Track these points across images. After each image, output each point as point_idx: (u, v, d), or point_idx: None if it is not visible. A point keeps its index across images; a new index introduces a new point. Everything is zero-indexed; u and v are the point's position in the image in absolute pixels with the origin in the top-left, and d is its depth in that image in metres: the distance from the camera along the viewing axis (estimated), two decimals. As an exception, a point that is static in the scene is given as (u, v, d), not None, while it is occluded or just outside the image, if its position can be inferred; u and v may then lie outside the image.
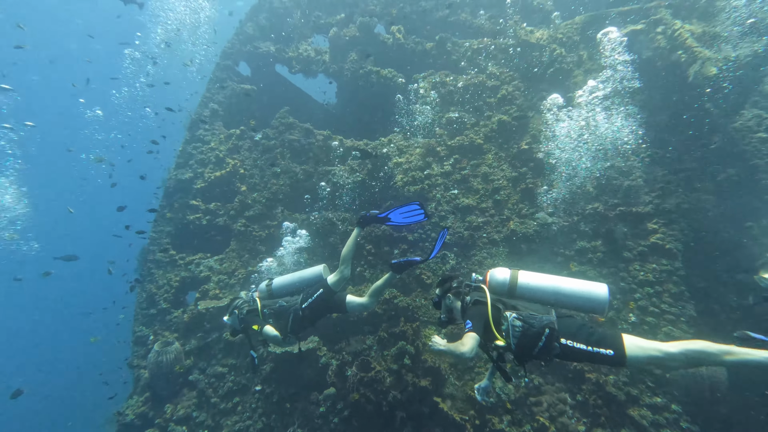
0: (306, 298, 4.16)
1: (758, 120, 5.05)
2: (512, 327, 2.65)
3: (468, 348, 2.55)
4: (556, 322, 2.62)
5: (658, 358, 2.43)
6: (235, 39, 9.33)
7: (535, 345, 2.59)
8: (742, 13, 5.36)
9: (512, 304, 2.84)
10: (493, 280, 2.98)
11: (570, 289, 2.76)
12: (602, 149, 5.41)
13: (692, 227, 5.05)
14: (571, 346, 2.55)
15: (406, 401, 4.76)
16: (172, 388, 5.61)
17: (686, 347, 2.39)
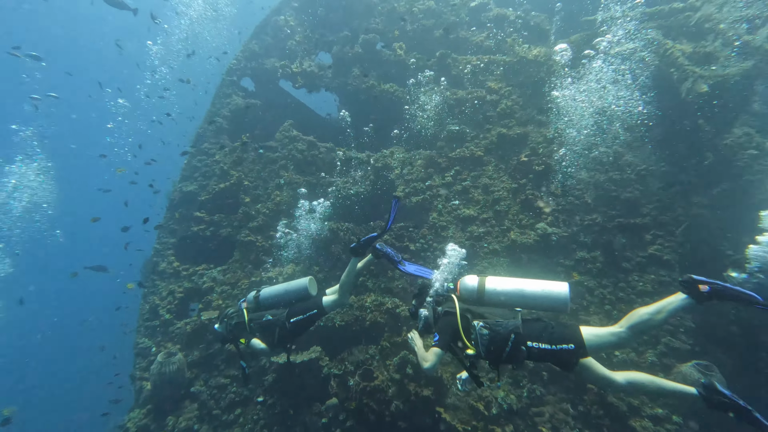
0: (296, 313, 4.22)
1: (748, 137, 5.19)
2: (480, 335, 2.75)
3: (429, 364, 2.77)
4: (521, 326, 2.73)
5: (614, 342, 2.67)
6: (240, 55, 9.60)
7: (503, 350, 2.70)
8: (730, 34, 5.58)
9: (480, 313, 2.94)
10: (463, 288, 3.11)
11: (533, 290, 2.88)
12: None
13: (689, 239, 5.14)
14: (537, 347, 2.67)
15: (409, 411, 4.77)
16: (175, 400, 5.61)
17: (629, 323, 2.63)
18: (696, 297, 2.42)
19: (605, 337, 2.64)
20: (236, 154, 8.18)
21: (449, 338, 2.86)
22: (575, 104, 6.08)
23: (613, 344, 2.68)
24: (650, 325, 2.63)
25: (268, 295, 4.41)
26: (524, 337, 2.70)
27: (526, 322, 2.81)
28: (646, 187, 5.65)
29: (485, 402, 4.71)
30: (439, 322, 3.00)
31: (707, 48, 5.68)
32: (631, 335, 2.64)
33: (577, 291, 5.35)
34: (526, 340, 2.69)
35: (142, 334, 6.65)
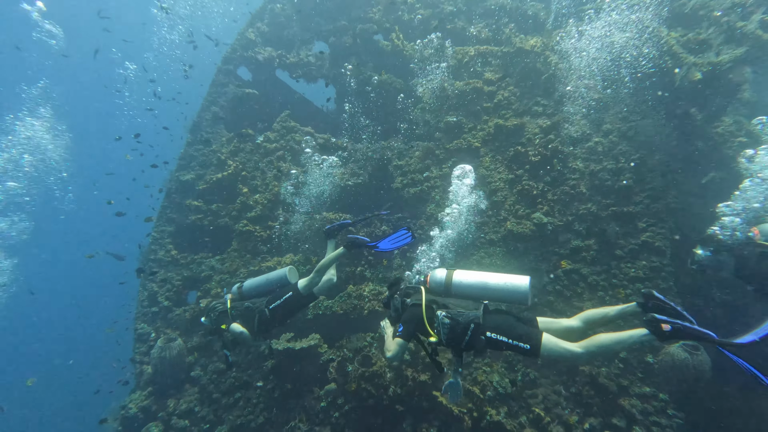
0: (273, 299, 4.39)
1: (738, 125, 5.31)
2: (442, 324, 2.94)
3: (391, 354, 3.01)
4: (481, 317, 2.90)
5: (566, 357, 2.77)
6: (236, 44, 9.53)
7: (462, 339, 2.90)
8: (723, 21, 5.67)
9: (444, 303, 3.15)
10: (432, 281, 3.32)
11: (496, 283, 3.06)
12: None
13: (679, 226, 5.28)
14: (495, 338, 2.84)
15: (406, 395, 4.88)
16: (175, 383, 5.69)
17: (588, 345, 2.67)
18: (658, 335, 2.42)
19: (561, 351, 2.73)
20: (234, 144, 8.17)
21: (413, 328, 3.07)
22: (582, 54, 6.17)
23: (566, 358, 2.84)
24: (609, 352, 2.77)
25: (250, 286, 4.59)
26: (484, 327, 2.87)
27: (489, 313, 3.00)
28: (639, 175, 5.77)
29: (481, 386, 4.84)
30: (405, 313, 3.19)
31: (701, 35, 5.77)
32: (587, 357, 2.72)
33: (571, 279, 5.48)
34: (486, 330, 2.86)
35: (141, 320, 6.70)
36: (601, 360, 3.78)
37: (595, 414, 4.39)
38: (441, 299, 3.21)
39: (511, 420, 4.49)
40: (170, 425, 5.38)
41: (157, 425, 5.36)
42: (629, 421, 4.27)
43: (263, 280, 4.61)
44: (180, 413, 5.43)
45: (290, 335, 5.76)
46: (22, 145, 10.37)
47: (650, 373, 4.46)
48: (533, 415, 4.48)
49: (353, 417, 4.86)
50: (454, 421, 4.60)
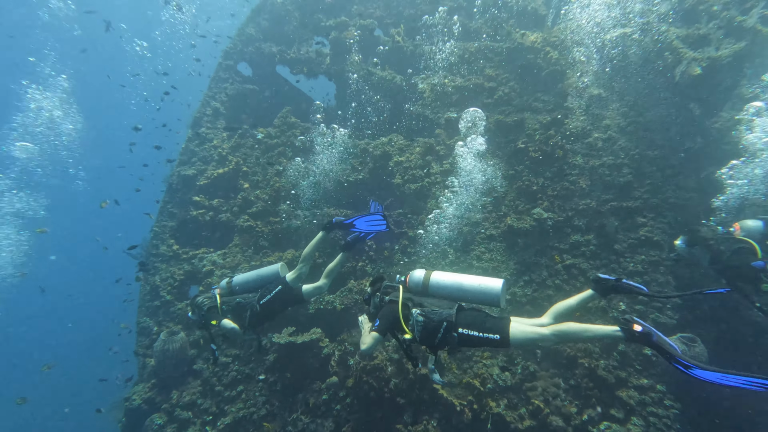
0: (264, 294, 4.43)
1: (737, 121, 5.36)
2: (416, 322, 3.10)
3: (366, 347, 3.14)
4: (454, 315, 3.03)
5: (534, 339, 2.89)
6: (237, 39, 9.52)
7: (435, 336, 3.04)
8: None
9: (419, 302, 3.27)
10: (411, 280, 3.46)
11: (470, 284, 3.20)
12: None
13: (678, 220, 5.32)
14: (467, 334, 2.98)
15: (407, 388, 4.94)
16: (178, 376, 5.75)
17: (556, 328, 2.84)
18: (627, 335, 2.56)
19: (529, 335, 2.90)
20: (234, 140, 8.18)
21: (389, 324, 3.19)
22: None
23: (534, 343, 2.98)
24: (574, 339, 2.96)
25: (240, 281, 4.62)
26: (456, 324, 3.00)
27: (462, 311, 3.12)
28: (638, 171, 5.81)
29: (481, 378, 4.89)
30: (382, 309, 3.32)
31: (701, 30, 5.79)
32: (555, 340, 2.87)
33: (570, 273, 5.53)
34: (458, 327, 3.00)
35: (143, 314, 6.74)
36: (568, 343, 3.90)
37: (594, 405, 4.45)
38: (417, 298, 3.33)
39: (511, 412, 4.54)
40: (174, 416, 5.44)
41: (161, 416, 5.42)
42: (627, 411, 4.34)
43: (254, 276, 4.64)
44: (183, 405, 5.49)
45: (292, 329, 5.81)
46: (35, 114, 10.40)
47: (648, 365, 4.52)
48: (533, 407, 4.54)
49: (355, 409, 4.91)
50: (454, 413, 4.66)
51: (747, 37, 5.49)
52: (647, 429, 4.16)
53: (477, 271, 5.84)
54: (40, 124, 10.56)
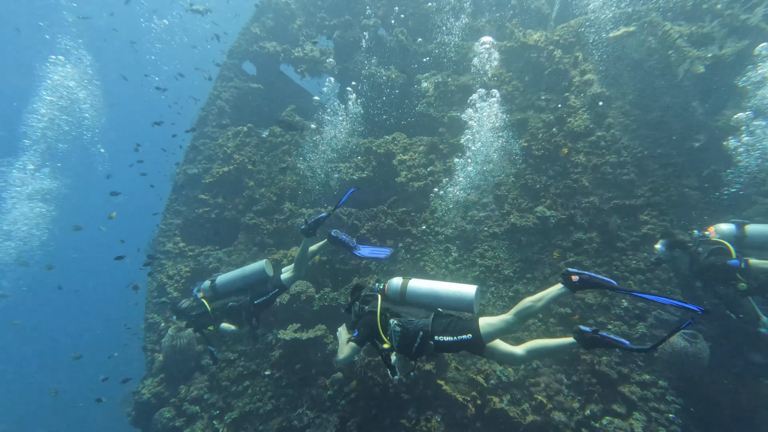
0: (260, 295, 4.60)
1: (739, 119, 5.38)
2: (394, 332, 3.25)
3: (343, 356, 3.33)
4: (430, 325, 3.21)
5: (504, 328, 3.09)
6: (241, 38, 9.58)
7: (412, 345, 3.20)
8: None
9: (397, 312, 3.44)
10: (389, 288, 3.63)
11: (445, 292, 3.37)
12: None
13: (680, 218, 5.35)
14: (443, 340, 3.15)
15: (411, 384, 5.00)
16: (186, 371, 5.84)
17: (516, 310, 3.06)
18: (569, 286, 2.84)
19: (497, 324, 3.09)
20: (239, 138, 8.25)
21: (368, 334, 3.35)
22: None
23: (503, 330, 3.13)
24: (532, 311, 3.09)
25: (225, 281, 4.69)
26: (432, 333, 3.17)
27: (438, 318, 3.29)
28: (641, 169, 5.84)
29: (484, 375, 4.95)
30: (361, 319, 3.47)
31: (705, 29, 5.80)
32: (517, 320, 3.08)
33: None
34: (434, 335, 3.17)
35: (151, 310, 6.84)
36: (530, 318, 4.13)
37: (596, 401, 4.50)
38: (394, 308, 3.49)
39: (514, 407, 4.60)
40: (182, 410, 5.53)
41: (170, 410, 5.51)
42: (629, 407, 4.38)
43: (239, 275, 4.70)
44: (191, 399, 5.58)
45: (297, 326, 5.88)
46: (55, 88, 10.51)
47: (650, 361, 4.57)
48: (535, 402, 4.59)
49: (359, 404, 4.98)
50: (458, 408, 4.72)
51: (751, 36, 5.50)
52: (649, 424, 4.20)
53: (481, 267, 5.89)
54: (64, 97, 10.68)
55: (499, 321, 3.10)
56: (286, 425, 5.10)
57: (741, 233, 4.07)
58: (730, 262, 3.71)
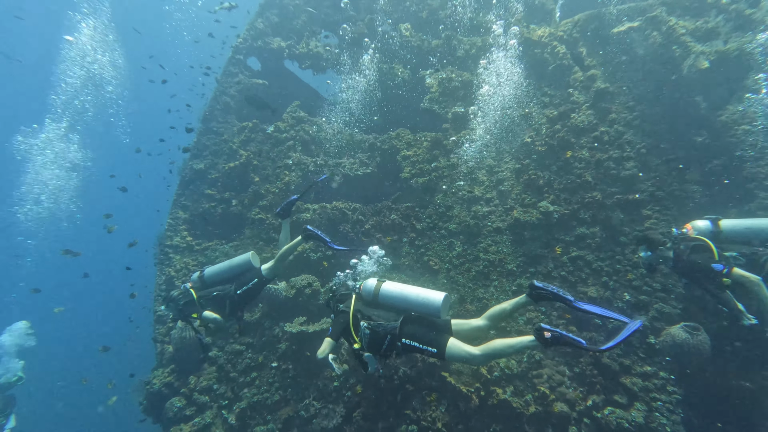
0: (241, 285, 4.86)
1: (742, 113, 5.41)
2: (364, 334, 3.52)
3: (321, 349, 3.53)
4: (398, 329, 3.43)
5: (467, 359, 3.28)
6: (246, 34, 9.62)
7: (380, 346, 3.48)
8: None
9: (368, 315, 3.67)
10: (364, 289, 3.84)
11: (415, 296, 3.56)
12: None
13: (682, 213, 5.39)
14: (410, 344, 3.40)
15: (416, 376, 5.09)
16: (195, 362, 5.96)
17: (485, 349, 3.20)
18: (541, 341, 2.93)
19: (462, 352, 3.27)
20: (245, 134, 8.32)
21: (340, 332, 3.62)
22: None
23: (466, 360, 3.33)
24: (499, 352, 3.24)
25: (213, 273, 4.98)
26: (400, 336, 3.42)
27: (408, 321, 3.51)
28: (644, 164, 5.88)
29: (488, 366, 5.03)
30: (336, 317, 3.73)
31: (709, 24, 5.81)
32: (483, 359, 3.25)
33: (576, 265, 5.63)
34: (402, 337, 3.42)
35: (159, 303, 6.95)
36: (496, 359, 4.37)
37: (598, 392, 4.58)
38: (366, 309, 3.72)
39: (517, 398, 4.68)
40: (192, 400, 5.66)
41: (180, 400, 5.64)
42: (630, 397, 4.46)
43: (226, 267, 5.01)
44: (200, 390, 5.71)
45: (303, 319, 5.98)
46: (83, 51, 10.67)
47: (651, 353, 4.64)
48: (538, 394, 4.67)
49: (365, 396, 5.08)
50: (462, 399, 4.81)
51: (756, 30, 5.51)
52: (650, 414, 4.28)
53: (484, 262, 5.96)
54: (89, 62, 10.82)
55: (466, 352, 3.27)
56: (294, 415, 5.21)
57: (716, 229, 4.19)
58: (714, 266, 3.80)
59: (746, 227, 4.11)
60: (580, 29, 7.31)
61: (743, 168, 5.34)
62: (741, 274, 3.72)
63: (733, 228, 4.16)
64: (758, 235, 4.05)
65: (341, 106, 8.52)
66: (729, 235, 4.16)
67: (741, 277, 3.72)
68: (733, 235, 4.15)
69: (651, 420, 4.26)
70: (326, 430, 4.94)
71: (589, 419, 4.45)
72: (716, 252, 3.93)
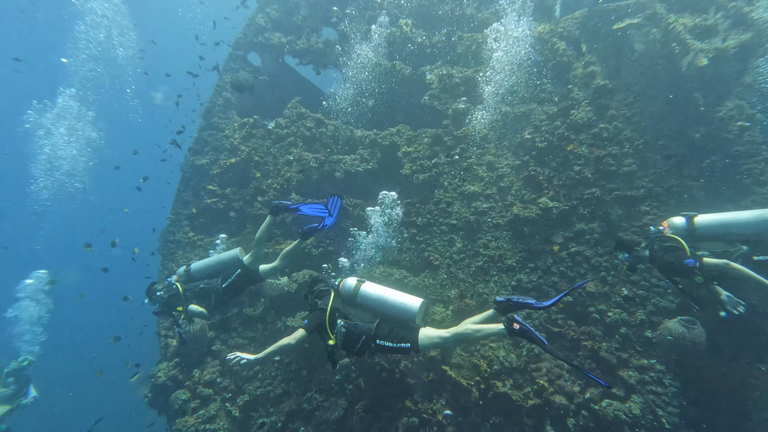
0: (225, 278, 4.92)
1: (740, 109, 5.46)
2: (340, 332, 3.62)
3: (292, 337, 3.62)
4: (374, 329, 3.54)
5: (438, 343, 3.47)
6: (246, 29, 9.60)
7: (354, 346, 3.60)
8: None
9: (345, 313, 3.77)
10: (343, 287, 3.94)
11: (393, 300, 3.69)
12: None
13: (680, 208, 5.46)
14: (384, 344, 3.51)
15: (417, 369, 5.18)
16: (199, 356, 6.04)
17: (454, 331, 3.39)
18: (510, 331, 3.11)
19: (434, 339, 3.46)
20: (246, 130, 8.34)
21: (315, 326, 3.72)
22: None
23: (438, 345, 3.53)
24: (468, 338, 3.43)
25: (199, 267, 5.07)
26: (374, 337, 3.53)
27: (382, 324, 3.61)
28: (643, 160, 5.93)
29: (488, 360, 5.12)
30: (313, 312, 3.83)
31: (708, 21, 5.85)
32: (453, 341, 3.43)
33: (575, 260, 5.70)
34: (376, 339, 3.53)
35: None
36: (465, 344, 4.44)
37: (596, 385, 4.67)
38: (344, 308, 3.83)
39: (517, 391, 4.77)
40: (196, 393, 5.74)
41: (185, 392, 5.72)
42: (627, 390, 4.56)
43: (213, 262, 5.10)
44: (204, 383, 5.79)
45: (305, 314, 6.04)
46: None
47: (648, 347, 4.73)
48: (537, 387, 4.76)
49: (367, 389, 5.16)
50: (462, 392, 4.89)
51: (754, 28, 5.55)
52: (646, 406, 4.37)
53: (484, 257, 6.03)
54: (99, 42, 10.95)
55: (436, 336, 3.45)
56: (297, 408, 5.29)
57: (691, 226, 4.23)
58: (686, 261, 3.86)
59: (720, 223, 4.12)
60: (580, 25, 7.34)
61: (740, 164, 5.40)
62: (711, 262, 3.80)
63: (708, 224, 4.18)
64: (733, 230, 4.07)
65: (342, 97, 8.55)
66: (704, 232, 4.19)
67: (712, 265, 3.79)
68: (707, 231, 4.18)
69: (647, 412, 4.36)
70: (329, 422, 5.02)
71: (587, 411, 4.54)
72: (688, 249, 3.98)
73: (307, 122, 8.33)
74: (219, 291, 4.85)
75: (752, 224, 3.92)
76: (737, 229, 4.03)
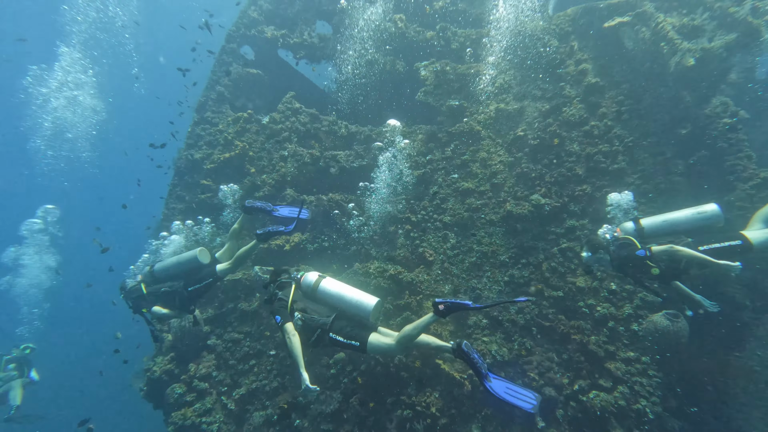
0: (193, 283, 4.95)
1: (724, 107, 5.62)
2: (296, 324, 3.82)
3: (292, 335, 3.72)
4: (329, 324, 3.73)
5: (385, 350, 3.71)
6: (239, 22, 9.48)
7: (309, 338, 3.81)
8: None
9: (304, 307, 3.95)
10: (304, 281, 4.09)
11: (350, 297, 3.87)
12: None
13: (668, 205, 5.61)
14: (336, 338, 3.76)
15: (411, 363, 5.27)
16: (194, 350, 6.07)
17: (398, 337, 3.63)
18: (438, 313, 3.40)
19: (382, 344, 3.69)
20: (239, 125, 8.29)
21: (286, 315, 3.85)
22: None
23: (385, 351, 3.78)
24: (411, 337, 3.61)
25: (161, 268, 5.08)
26: (329, 330, 3.76)
27: (338, 319, 3.82)
28: (632, 158, 6.07)
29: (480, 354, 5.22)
30: (275, 304, 3.96)
31: (696, 21, 5.97)
32: (399, 347, 3.67)
33: (566, 256, 5.83)
34: (330, 332, 3.76)
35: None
36: (412, 346, 4.52)
37: (584, 377, 4.82)
38: (303, 302, 3.99)
39: (508, 383, 4.88)
40: (192, 387, 5.78)
41: (181, 386, 5.76)
42: (614, 381, 4.71)
43: (174, 263, 5.10)
44: (200, 377, 5.83)
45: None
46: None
47: (635, 340, 4.89)
48: (528, 379, 4.90)
49: (362, 383, 5.25)
50: (455, 385, 5.01)
51: (738, 29, 5.67)
52: (632, 396, 4.54)
53: (477, 253, 6.12)
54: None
55: (384, 342, 3.68)
56: (292, 401, 5.37)
57: (638, 227, 4.67)
58: (637, 252, 4.27)
59: (663, 221, 4.60)
60: (571, 23, 7.40)
61: (724, 160, 5.56)
62: (658, 249, 4.20)
63: (653, 224, 4.63)
64: (675, 227, 4.51)
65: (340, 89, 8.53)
66: (650, 231, 4.62)
67: (660, 251, 4.18)
68: (653, 229, 4.62)
69: (633, 402, 4.52)
70: (324, 414, 5.10)
71: (575, 402, 4.70)
72: (638, 244, 4.38)
73: (301, 117, 8.30)
74: (183, 294, 4.89)
75: (690, 220, 4.45)
76: (678, 224, 4.50)
